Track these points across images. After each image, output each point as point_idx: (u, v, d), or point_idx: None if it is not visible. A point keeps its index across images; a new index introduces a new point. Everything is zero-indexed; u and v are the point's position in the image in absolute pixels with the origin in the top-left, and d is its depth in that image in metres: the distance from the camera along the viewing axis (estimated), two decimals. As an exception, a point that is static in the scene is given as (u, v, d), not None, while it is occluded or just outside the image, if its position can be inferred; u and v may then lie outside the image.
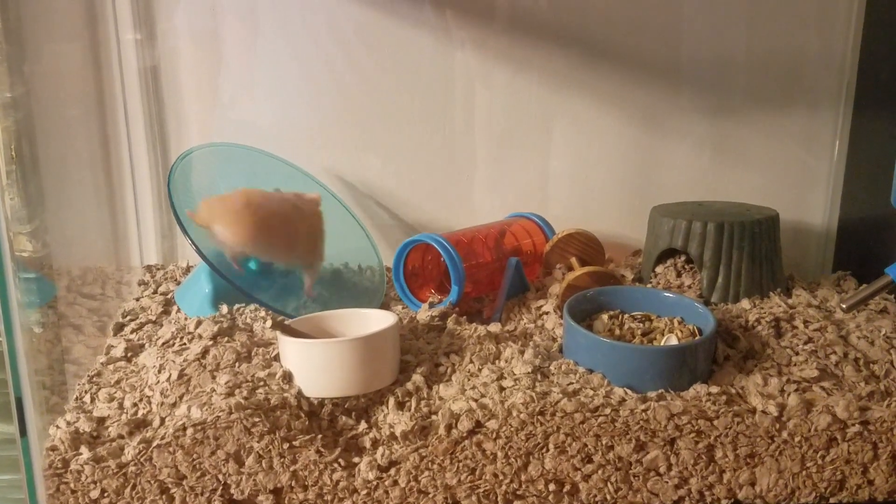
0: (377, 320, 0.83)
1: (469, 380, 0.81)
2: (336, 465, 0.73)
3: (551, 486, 0.74)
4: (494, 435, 0.74)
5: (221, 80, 1.11)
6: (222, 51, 1.09)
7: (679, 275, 1.00)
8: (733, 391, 0.79)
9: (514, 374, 0.80)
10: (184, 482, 0.73)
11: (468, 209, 1.17)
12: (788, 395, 0.77)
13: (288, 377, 0.78)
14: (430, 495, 0.74)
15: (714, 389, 0.77)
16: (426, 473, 0.74)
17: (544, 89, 1.13)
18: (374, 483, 0.74)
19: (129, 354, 0.89)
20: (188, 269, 1.10)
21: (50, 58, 0.96)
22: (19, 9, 0.84)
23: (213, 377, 0.79)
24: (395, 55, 1.10)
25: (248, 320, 0.90)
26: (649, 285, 1.01)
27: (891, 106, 0.91)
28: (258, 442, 0.72)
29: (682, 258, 1.00)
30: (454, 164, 1.15)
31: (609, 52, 1.12)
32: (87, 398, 0.81)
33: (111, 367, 0.87)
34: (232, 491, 0.73)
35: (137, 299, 1.03)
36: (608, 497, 0.75)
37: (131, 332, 0.94)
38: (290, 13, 1.08)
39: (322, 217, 1.02)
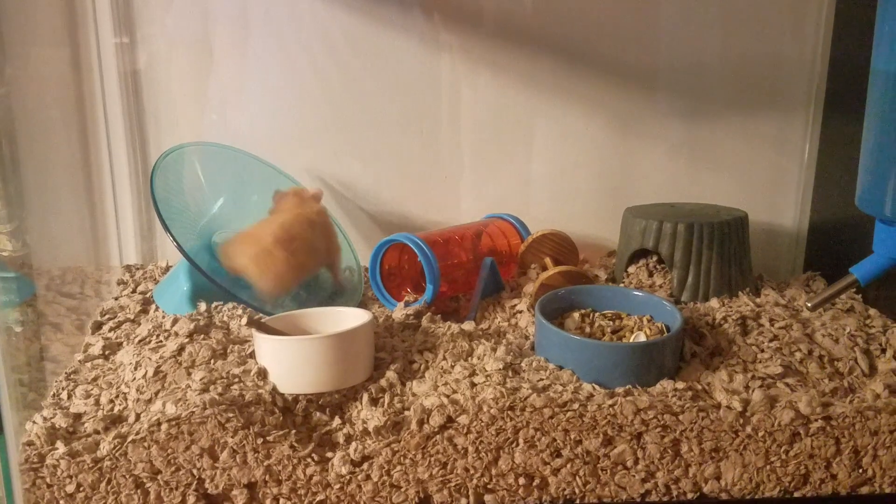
0: (352, 318, 0.84)
1: (442, 376, 0.82)
2: (310, 459, 0.74)
3: (521, 480, 0.76)
4: (465, 430, 0.75)
5: (203, 82, 1.12)
6: (204, 54, 1.11)
7: (651, 274, 1.02)
8: (699, 387, 0.80)
9: (486, 371, 0.81)
10: (158, 477, 0.73)
11: (449, 210, 1.18)
12: (753, 391, 0.79)
13: (263, 374, 0.80)
14: (403, 489, 0.75)
15: (680, 385, 0.79)
16: (398, 468, 0.75)
17: (525, 93, 1.14)
18: (347, 477, 0.75)
19: (106, 352, 0.90)
20: (167, 269, 1.11)
21: (31, 60, 0.97)
22: (0, 11, 0.85)
23: (189, 374, 0.80)
24: (379, 59, 1.11)
25: (225, 318, 0.92)
26: (622, 285, 1.02)
27: (859, 110, 0.93)
28: (232, 437, 0.73)
29: (654, 258, 1.02)
30: (436, 166, 1.17)
31: (589, 58, 1.14)
32: (64, 395, 0.82)
33: (89, 364, 0.88)
34: (206, 485, 0.74)
35: (116, 298, 1.04)
36: (577, 490, 0.76)
37: (109, 331, 0.95)
38: (275, 17, 1.09)
39: (327, 211, 1.04)
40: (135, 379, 0.81)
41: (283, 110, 1.13)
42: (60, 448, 0.73)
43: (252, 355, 0.83)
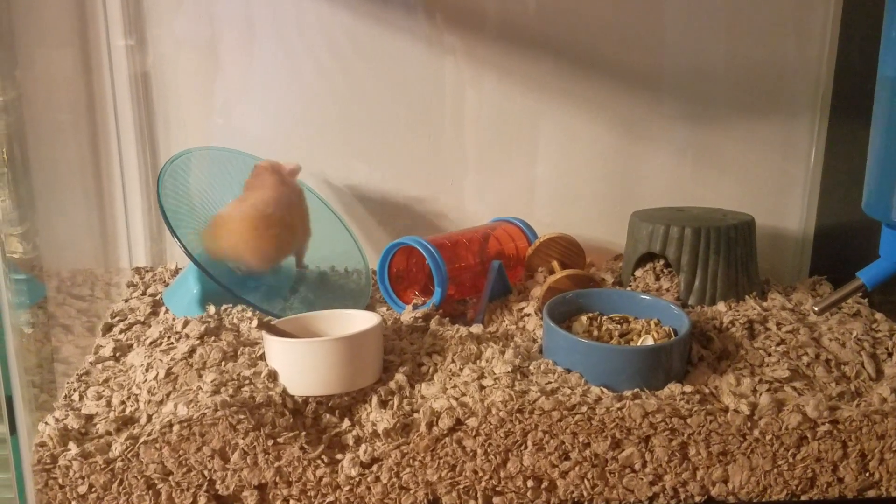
0: (361, 321, 0.85)
1: (450, 379, 0.82)
2: (319, 461, 0.75)
3: (529, 483, 0.76)
4: (474, 432, 0.75)
5: (212, 85, 1.12)
6: (212, 57, 1.11)
7: (658, 278, 1.02)
8: (707, 390, 0.81)
9: (495, 374, 0.82)
10: (170, 478, 0.74)
11: (455, 214, 1.19)
12: (760, 394, 0.79)
13: (273, 376, 0.80)
14: (412, 491, 0.76)
15: (688, 388, 0.79)
16: (407, 470, 0.76)
17: (531, 97, 1.15)
18: (357, 479, 0.75)
19: (117, 354, 0.91)
20: (176, 271, 1.12)
21: (41, 62, 0.98)
22: (10, 14, 0.85)
23: (200, 375, 0.81)
24: (385, 63, 1.12)
25: (235, 320, 0.92)
26: (629, 288, 1.03)
27: (865, 114, 0.94)
28: (243, 439, 0.74)
29: (661, 262, 1.03)
30: (442, 169, 1.17)
31: (594, 62, 1.14)
32: (75, 396, 0.83)
33: (100, 366, 0.88)
34: (217, 486, 0.75)
35: (126, 300, 1.04)
36: (585, 493, 0.77)
37: (120, 333, 0.96)
38: (282, 20, 1.10)
39: (303, 191, 1.05)
40: (146, 381, 0.82)
41: (289, 113, 1.14)
42: (73, 449, 0.73)
43: (262, 357, 0.84)
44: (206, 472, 0.74)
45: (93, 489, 0.74)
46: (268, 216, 0.98)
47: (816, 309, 0.89)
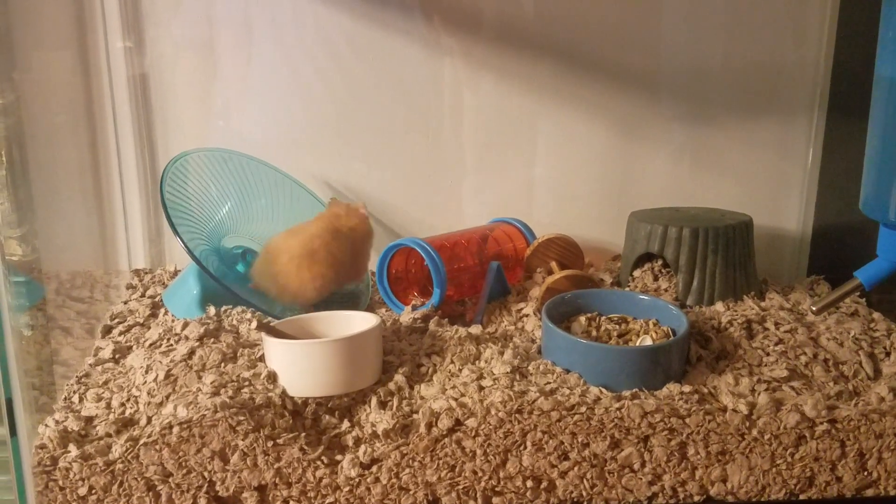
0: (360, 322, 0.85)
1: (449, 380, 0.83)
2: (319, 462, 0.75)
3: (529, 483, 0.76)
4: (474, 433, 0.76)
5: (210, 86, 1.13)
6: (211, 58, 1.11)
7: (656, 278, 1.02)
8: (705, 390, 0.81)
9: (494, 374, 0.82)
10: (170, 479, 0.74)
11: (454, 215, 1.19)
12: (759, 394, 0.80)
13: (272, 377, 0.80)
14: (411, 492, 0.76)
15: (687, 388, 0.79)
16: (407, 470, 0.76)
17: (529, 98, 1.15)
18: (357, 480, 0.75)
19: (116, 356, 0.91)
20: (175, 273, 1.12)
21: (39, 65, 0.98)
22: (8, 16, 0.85)
23: (199, 377, 0.81)
24: (383, 64, 1.12)
25: (235, 322, 0.92)
26: (627, 289, 1.03)
27: (862, 114, 0.94)
28: (243, 440, 0.74)
29: (659, 262, 1.03)
30: (440, 170, 1.17)
31: (592, 63, 1.14)
32: (75, 398, 0.83)
33: (99, 368, 0.89)
34: (217, 488, 0.75)
35: (125, 302, 1.04)
36: (584, 493, 0.77)
37: (119, 335, 0.96)
38: (280, 22, 1.10)
39: (368, 228, 1.04)
40: (146, 382, 0.82)
41: (287, 114, 1.14)
42: (73, 451, 0.74)
43: (262, 359, 0.84)
44: (205, 474, 0.74)
45: (93, 491, 0.74)
46: (314, 252, 0.96)
47: (814, 308, 0.89)
